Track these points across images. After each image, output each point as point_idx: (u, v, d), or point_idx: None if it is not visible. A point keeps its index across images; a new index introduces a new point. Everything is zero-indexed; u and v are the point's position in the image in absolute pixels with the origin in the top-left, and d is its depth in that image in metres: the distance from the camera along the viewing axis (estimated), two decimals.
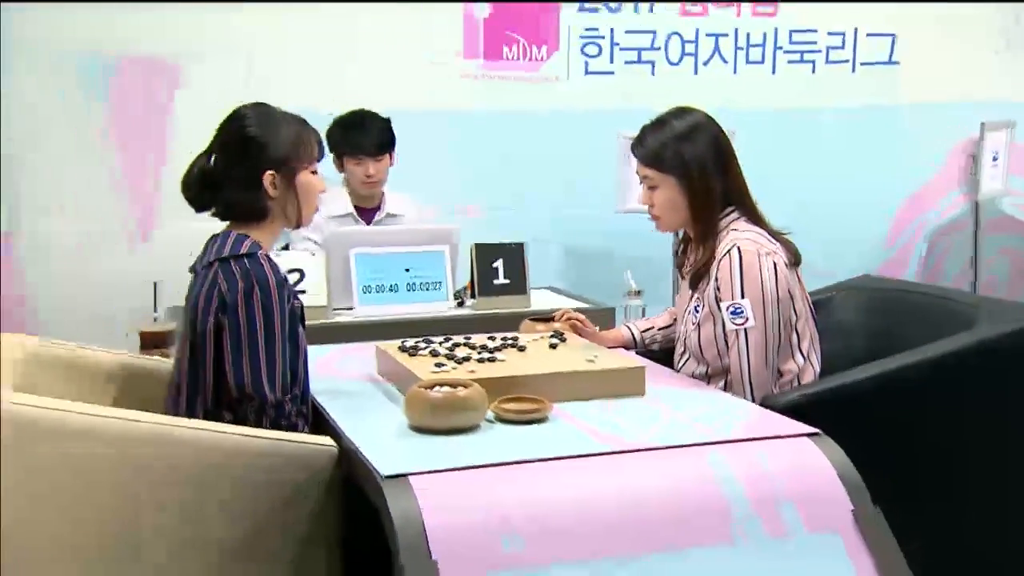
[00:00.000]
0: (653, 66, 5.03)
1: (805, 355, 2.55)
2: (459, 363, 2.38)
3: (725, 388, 2.50)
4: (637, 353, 2.85)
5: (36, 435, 1.92)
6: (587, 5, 4.90)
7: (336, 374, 2.62)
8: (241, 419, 2.18)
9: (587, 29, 4.92)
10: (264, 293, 2.19)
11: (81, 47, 4.37)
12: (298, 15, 4.56)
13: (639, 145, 2.58)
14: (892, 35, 5.32)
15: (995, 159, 4.19)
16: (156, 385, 2.52)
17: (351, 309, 3.27)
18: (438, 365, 2.35)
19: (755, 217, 2.57)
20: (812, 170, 5.23)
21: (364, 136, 3.73)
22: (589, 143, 4.72)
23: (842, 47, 5.27)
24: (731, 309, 2.44)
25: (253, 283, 2.18)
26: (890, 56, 5.33)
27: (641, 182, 2.61)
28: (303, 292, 3.18)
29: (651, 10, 4.99)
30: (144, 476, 1.96)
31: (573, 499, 1.81)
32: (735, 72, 5.15)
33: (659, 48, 5.03)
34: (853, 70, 5.31)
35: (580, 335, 2.78)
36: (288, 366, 2.25)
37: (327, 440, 2.07)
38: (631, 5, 4.95)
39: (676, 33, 5.03)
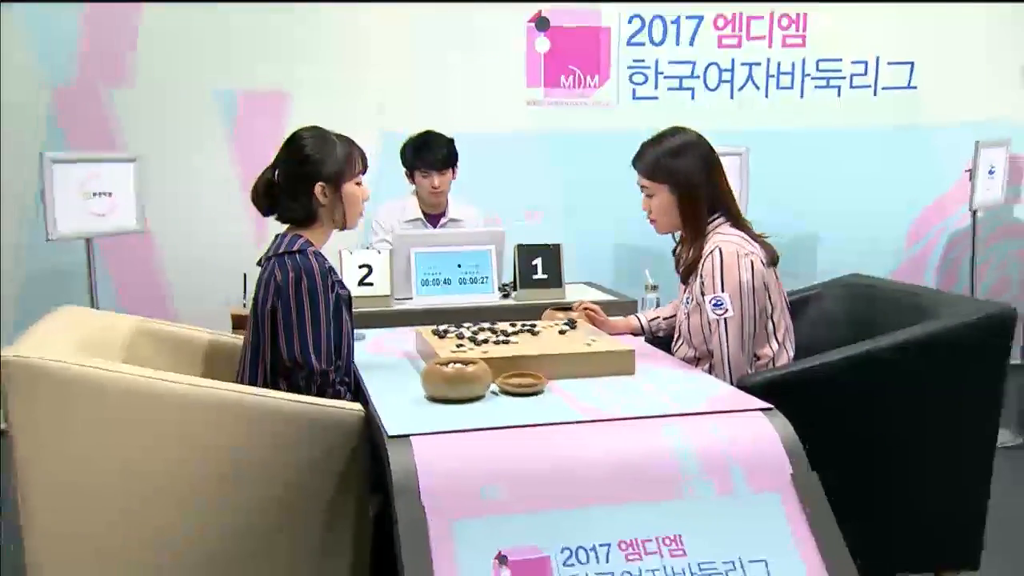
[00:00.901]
0: (693, 92, 5.02)
1: (780, 342, 2.54)
2: (477, 344, 2.41)
3: (710, 370, 2.51)
4: (646, 340, 2.87)
5: (115, 396, 1.98)
6: (634, 40, 4.90)
7: (383, 352, 2.67)
8: (294, 386, 2.24)
9: (635, 60, 4.93)
10: (310, 281, 2.25)
11: (214, 82, 4.57)
12: (388, 52, 4.68)
13: (639, 159, 2.60)
14: (911, 62, 5.19)
15: (991, 172, 4.07)
16: (235, 358, 2.55)
17: (410, 299, 3.32)
18: (459, 346, 2.39)
19: (738, 222, 2.56)
20: (838, 182, 5.15)
21: (431, 153, 3.76)
22: None
23: (864, 74, 5.17)
24: (713, 301, 2.45)
25: (301, 274, 2.25)
26: (909, 81, 5.20)
27: (641, 191, 2.62)
28: (371, 284, 3.28)
29: (691, 43, 4.97)
30: (202, 430, 2.01)
31: (546, 458, 1.84)
32: (767, 96, 5.10)
33: (698, 76, 5.01)
34: (875, 94, 5.19)
35: (594, 323, 2.81)
36: (332, 342, 2.30)
37: (356, 406, 2.12)
38: (673, 39, 4.94)
39: (714, 63, 5.01)
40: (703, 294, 2.48)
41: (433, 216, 3.90)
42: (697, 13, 4.94)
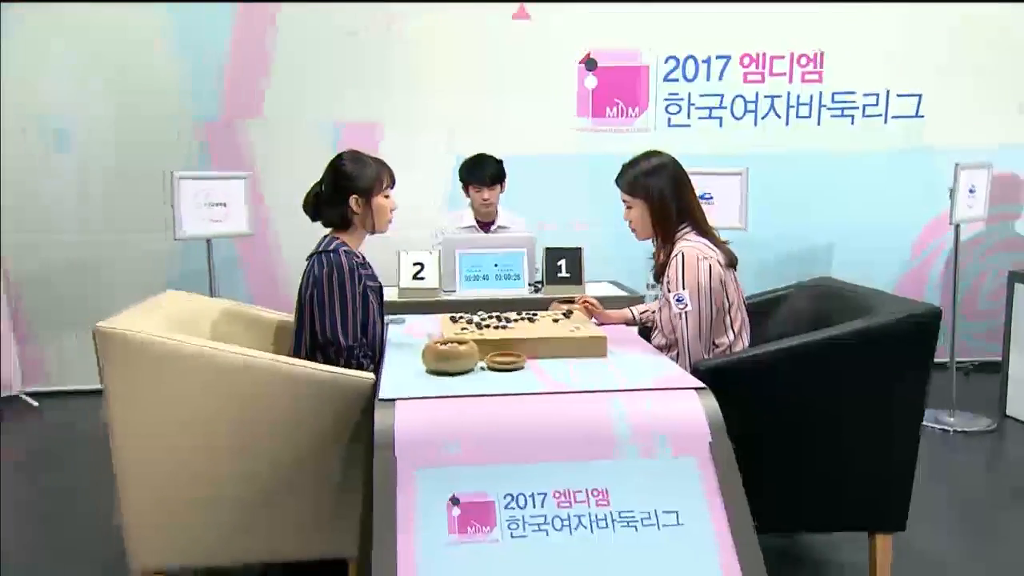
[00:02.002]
0: (721, 120, 4.93)
1: (736, 333, 2.52)
2: (480, 329, 2.43)
3: (677, 356, 2.50)
4: (639, 331, 2.87)
5: (186, 362, 2.10)
6: (670, 76, 4.85)
7: (413, 333, 2.69)
8: (327, 358, 2.34)
9: (670, 93, 4.88)
10: (339, 274, 2.34)
11: (325, 115, 4.75)
12: (458, 87, 4.77)
13: (620, 178, 2.60)
14: (919, 94, 4.96)
15: (972, 191, 3.87)
16: None
17: (455, 291, 3.38)
18: (463, 329, 2.42)
19: (703, 230, 2.53)
20: (851, 199, 4.98)
21: (481, 171, 3.81)
22: None
23: (876, 104, 4.97)
24: (675, 297, 2.45)
25: (333, 268, 2.35)
26: (916, 110, 4.98)
27: (624, 204, 2.63)
28: (423, 279, 3.36)
29: (720, 78, 4.89)
30: (251, 391, 2.12)
31: (503, 422, 1.88)
32: (787, 124, 4.96)
33: (726, 107, 4.92)
34: (885, 122, 4.98)
35: (592, 315, 2.83)
36: (358, 324, 2.38)
37: (368, 375, 2.19)
38: (704, 75, 4.87)
39: (740, 95, 4.91)
40: (669, 291, 2.47)
41: (484, 224, 3.94)
42: (724, 53, 4.85)
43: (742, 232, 4.80)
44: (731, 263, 2.51)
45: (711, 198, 3.94)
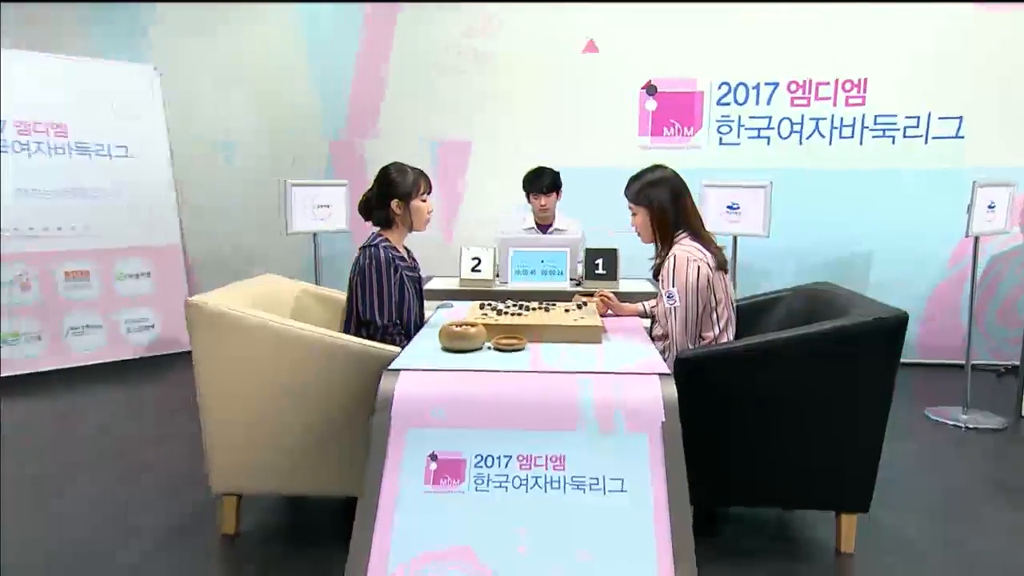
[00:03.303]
0: (768, 139, 4.66)
1: (722, 328, 2.39)
2: (499, 315, 2.41)
3: (669, 347, 2.41)
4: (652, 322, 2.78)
5: (254, 332, 2.20)
6: (723, 100, 4.64)
7: (454, 316, 2.67)
8: (368, 335, 2.38)
9: (722, 115, 4.66)
10: (377, 264, 2.38)
11: (425, 134, 4.85)
12: (533, 108, 4.74)
13: (627, 188, 2.53)
14: (960, 117, 4.52)
15: (991, 207, 3.49)
16: None
17: (507, 283, 3.38)
18: (484, 314, 2.41)
19: (698, 236, 2.42)
20: (890, 212, 4.60)
21: (540, 181, 3.77)
22: None
23: (917, 126, 4.56)
24: (667, 294, 2.36)
25: (372, 259, 2.39)
26: (957, 131, 4.54)
27: (631, 211, 2.55)
28: (479, 271, 3.38)
29: (768, 103, 4.62)
30: (304, 356, 2.19)
31: (485, 393, 1.87)
32: (830, 144, 4.63)
33: (773, 128, 4.64)
34: (926, 142, 4.56)
35: (607, 307, 2.77)
36: (393, 306, 2.41)
37: (394, 348, 2.20)
38: (753, 100, 4.62)
39: (786, 118, 4.63)
40: (662, 289, 2.39)
41: (543, 226, 3.91)
42: (773, 80, 4.59)
43: (787, 239, 4.58)
44: (721, 266, 2.39)
45: (738, 208, 3.75)
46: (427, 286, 3.43)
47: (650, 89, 4.66)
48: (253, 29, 4.83)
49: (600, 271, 3.36)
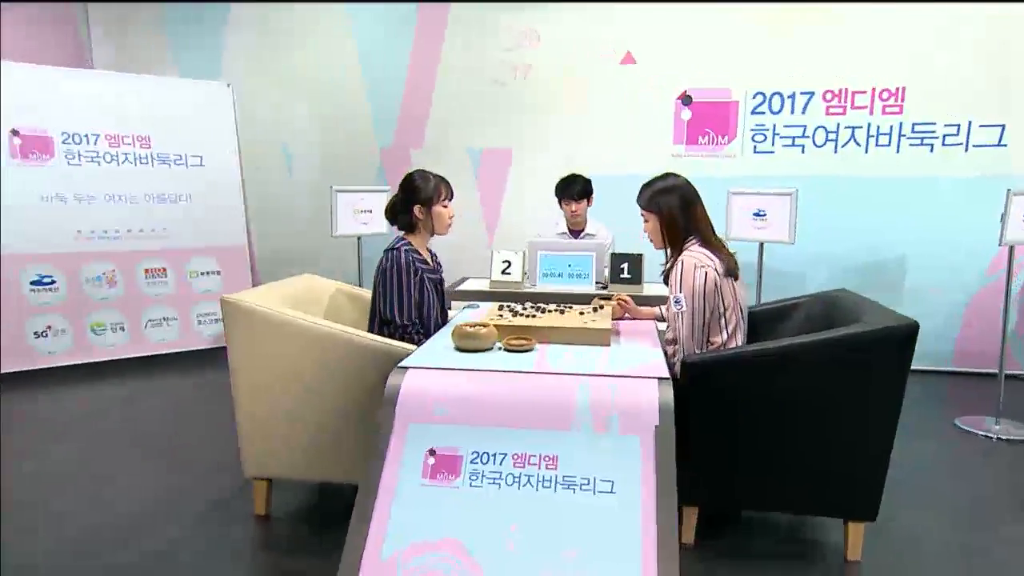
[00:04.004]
0: (803, 148, 4.45)
1: (731, 333, 2.27)
2: (514, 316, 2.37)
3: (678, 350, 2.31)
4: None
5: (281, 328, 2.22)
6: (757, 110, 4.45)
7: (478, 316, 2.65)
8: (389, 334, 2.37)
9: (756, 124, 4.47)
10: (397, 267, 2.36)
11: (468, 143, 4.84)
12: (572, 118, 4.66)
13: (639, 195, 2.44)
14: (1002, 125, 4.21)
15: None
16: None
17: (535, 285, 3.32)
18: (499, 315, 2.37)
19: (707, 243, 2.31)
20: (928, 219, 4.33)
21: (571, 188, 3.70)
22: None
23: (956, 134, 4.27)
24: (675, 299, 2.26)
25: (393, 262, 2.37)
26: (1000, 139, 4.23)
27: (642, 218, 2.46)
28: (509, 273, 3.33)
29: (803, 112, 4.41)
30: (328, 353, 2.19)
31: (486, 392, 1.83)
32: (866, 152, 4.38)
33: (808, 136, 4.43)
34: (966, 150, 4.27)
35: (626, 310, 2.68)
36: (412, 307, 2.38)
37: (408, 346, 2.18)
38: (788, 109, 4.42)
39: (821, 126, 4.41)
40: (670, 294, 2.29)
41: (575, 231, 3.83)
42: (808, 90, 4.38)
43: (820, 244, 4.37)
44: (730, 272, 2.28)
45: (765, 215, 3.58)
46: (461, 287, 3.42)
47: (685, 99, 4.52)
48: (313, 45, 4.92)
49: (625, 275, 3.26)
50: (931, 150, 4.32)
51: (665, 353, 2.36)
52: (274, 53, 4.98)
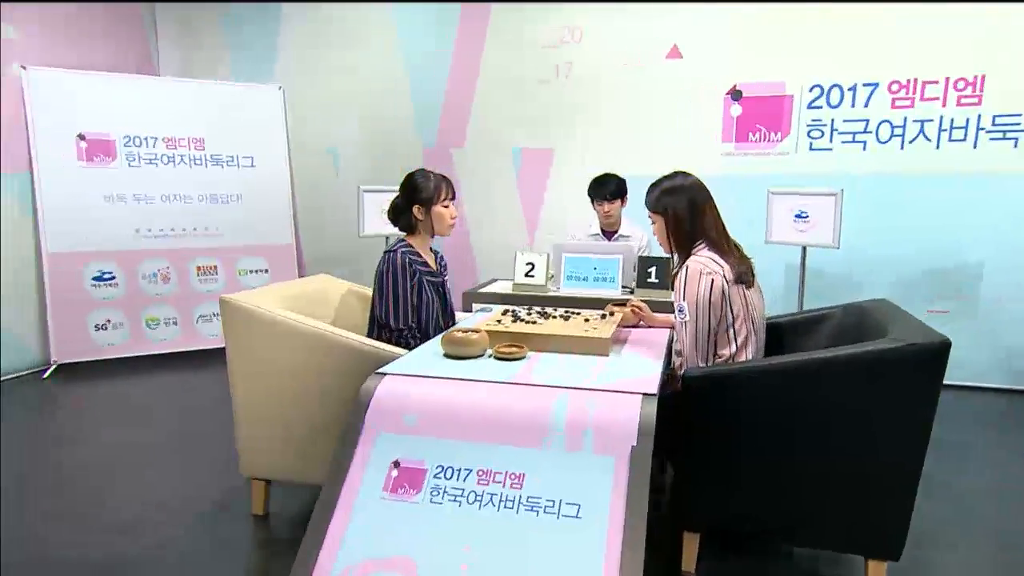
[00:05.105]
0: (864, 144, 4.10)
1: (739, 345, 2.08)
2: (513, 322, 2.28)
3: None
4: None
5: (276, 327, 2.20)
6: (814, 104, 4.15)
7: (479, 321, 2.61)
8: (386, 338, 2.31)
9: (813, 119, 4.16)
10: (393, 269, 2.30)
11: (509, 143, 4.75)
12: (618, 117, 4.49)
13: (647, 196, 2.27)
14: None
15: None
16: None
17: (559, 288, 3.20)
18: (499, 321, 2.29)
19: (718, 248, 2.13)
20: (1010, 221, 3.91)
21: (603, 188, 3.56)
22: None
23: None
24: (678, 307, 2.09)
25: (389, 264, 2.32)
26: None
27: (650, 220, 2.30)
28: (532, 276, 3.23)
29: (866, 105, 4.07)
30: (320, 354, 2.16)
31: (459, 403, 1.75)
32: (937, 147, 3.99)
33: (871, 132, 4.09)
34: None
35: (640, 317, 2.53)
36: (409, 311, 2.31)
37: (396, 350, 2.13)
38: (849, 102, 4.09)
39: (886, 120, 4.05)
40: (675, 302, 2.12)
41: (608, 232, 3.68)
42: (872, 81, 4.04)
43: (883, 247, 4.04)
44: (740, 279, 2.09)
45: (807, 216, 3.31)
46: (486, 288, 3.34)
47: (735, 94, 4.26)
48: (360, 47, 4.96)
49: (652, 279, 3.10)
50: (1015, 144, 3.89)
51: (671, 365, 2.21)
52: (322, 56, 5.05)
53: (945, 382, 1.75)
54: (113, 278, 4.56)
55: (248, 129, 4.88)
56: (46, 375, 4.27)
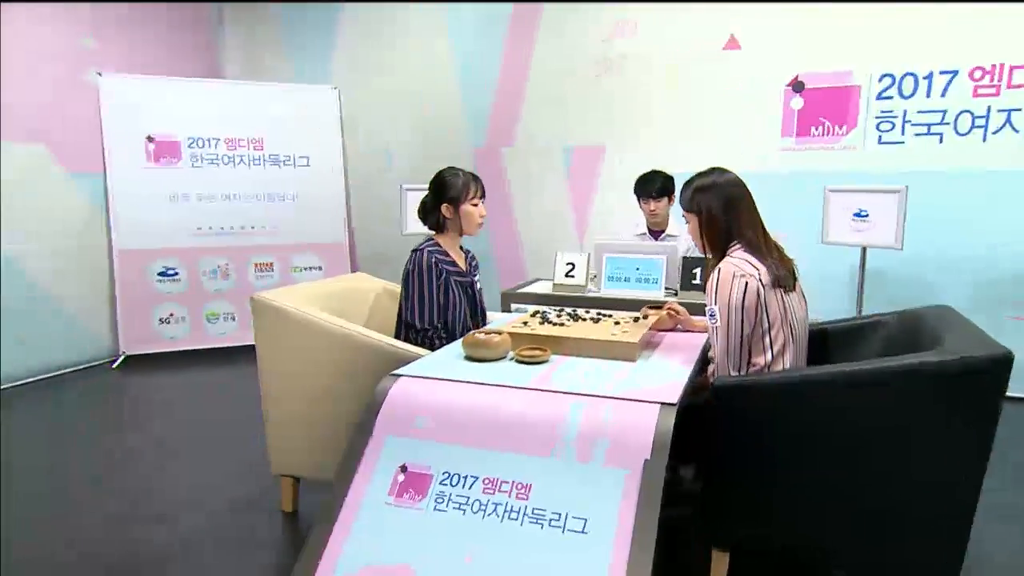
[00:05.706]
0: (941, 136, 3.81)
1: (776, 353, 1.93)
2: (540, 324, 2.22)
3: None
4: None
5: (304, 326, 2.22)
6: (884, 94, 3.88)
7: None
8: (412, 338, 2.29)
9: (883, 111, 3.89)
10: (419, 269, 2.27)
11: (559, 141, 4.67)
12: (669, 113, 4.34)
13: (680, 194, 2.16)
14: None
15: None
16: None
17: (599, 289, 3.10)
18: (525, 323, 2.22)
19: (755, 249, 1.99)
20: None
21: (650, 186, 3.43)
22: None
23: None
24: (709, 311, 1.97)
25: (415, 264, 2.29)
26: None
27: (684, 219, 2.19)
28: (573, 276, 3.14)
29: (943, 95, 3.78)
30: (346, 351, 2.16)
31: (472, 408, 1.71)
32: None
33: (948, 123, 3.78)
34: None
35: (677, 321, 2.42)
36: (435, 311, 2.28)
37: (417, 350, 2.11)
38: (924, 92, 3.81)
39: (967, 110, 3.74)
40: (707, 306, 2.00)
41: (655, 232, 3.55)
42: (950, 68, 3.74)
43: (961, 248, 3.74)
44: (778, 282, 1.95)
45: (867, 215, 3.09)
46: (525, 289, 3.28)
47: (797, 86, 4.04)
48: (412, 48, 4.98)
49: (697, 281, 2.96)
50: None
51: (703, 372, 2.10)
52: (374, 56, 5.11)
53: None
54: (176, 274, 4.76)
55: (304, 129, 5.00)
56: (115, 365, 4.50)
